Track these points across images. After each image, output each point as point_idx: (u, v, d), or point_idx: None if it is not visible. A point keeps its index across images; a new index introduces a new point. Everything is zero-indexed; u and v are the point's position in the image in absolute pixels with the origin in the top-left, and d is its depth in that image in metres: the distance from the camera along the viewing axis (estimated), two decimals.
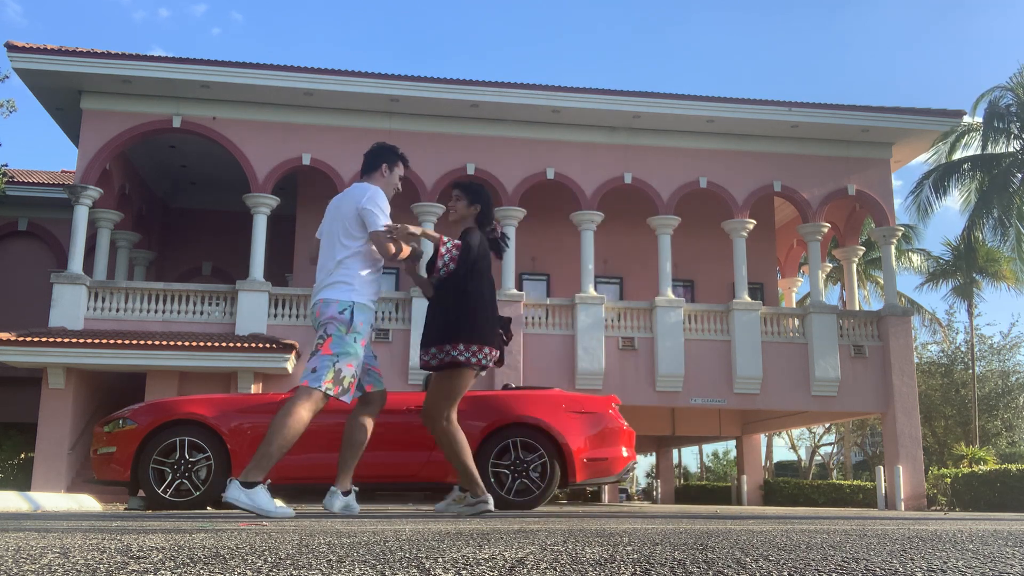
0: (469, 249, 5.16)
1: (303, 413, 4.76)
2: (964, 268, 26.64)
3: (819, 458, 46.75)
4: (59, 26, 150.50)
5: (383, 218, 5.01)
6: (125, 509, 8.45)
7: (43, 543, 2.25)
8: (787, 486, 26.38)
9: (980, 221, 23.77)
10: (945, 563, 1.84)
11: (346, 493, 5.27)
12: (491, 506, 5.24)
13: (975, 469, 19.46)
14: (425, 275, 5.34)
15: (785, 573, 1.66)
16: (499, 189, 20.43)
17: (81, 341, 17.42)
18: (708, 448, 57.47)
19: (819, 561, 1.86)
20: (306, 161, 20.13)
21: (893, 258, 22.43)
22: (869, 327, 21.31)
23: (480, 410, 7.15)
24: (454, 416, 5.26)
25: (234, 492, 4.64)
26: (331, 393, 4.81)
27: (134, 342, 17.41)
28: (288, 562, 1.79)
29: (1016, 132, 23.79)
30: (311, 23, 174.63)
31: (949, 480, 19.65)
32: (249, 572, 1.62)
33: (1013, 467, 18.03)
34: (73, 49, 18.82)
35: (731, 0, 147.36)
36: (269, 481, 4.79)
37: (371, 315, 5.07)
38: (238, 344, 17.84)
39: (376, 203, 5.04)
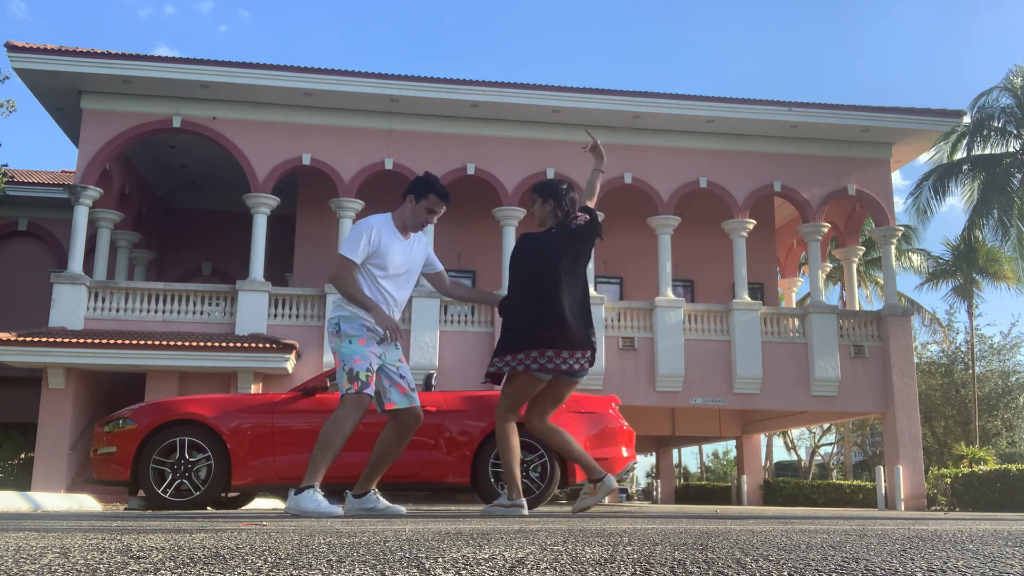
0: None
1: (344, 419, 5.06)
2: (964, 268, 26.62)
3: (819, 458, 46.73)
4: (63, 24, 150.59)
5: (346, 247, 5.14)
6: (125, 509, 8.45)
7: (43, 543, 2.25)
8: (787, 486, 26.38)
9: (980, 221, 23.78)
10: (945, 563, 1.84)
11: (358, 496, 5.53)
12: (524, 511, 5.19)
13: (975, 469, 19.45)
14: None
15: (785, 573, 1.66)
16: (499, 189, 20.45)
17: (81, 341, 17.43)
18: (708, 448, 57.49)
19: (819, 561, 1.86)
20: (306, 161, 20.13)
21: (893, 258, 22.43)
22: (869, 327, 21.31)
23: (479, 410, 7.14)
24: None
25: (289, 503, 5.02)
26: (353, 391, 5.05)
27: (134, 342, 17.41)
28: (288, 562, 1.79)
29: (1015, 132, 23.80)
30: (317, 21, 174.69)
31: (949, 480, 19.65)
32: (249, 572, 1.62)
33: (1013, 467, 18.02)
34: (73, 49, 18.82)
35: (732, 0, 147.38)
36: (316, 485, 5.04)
37: (359, 321, 5.13)
38: (238, 344, 17.84)
39: (351, 235, 5.23)
